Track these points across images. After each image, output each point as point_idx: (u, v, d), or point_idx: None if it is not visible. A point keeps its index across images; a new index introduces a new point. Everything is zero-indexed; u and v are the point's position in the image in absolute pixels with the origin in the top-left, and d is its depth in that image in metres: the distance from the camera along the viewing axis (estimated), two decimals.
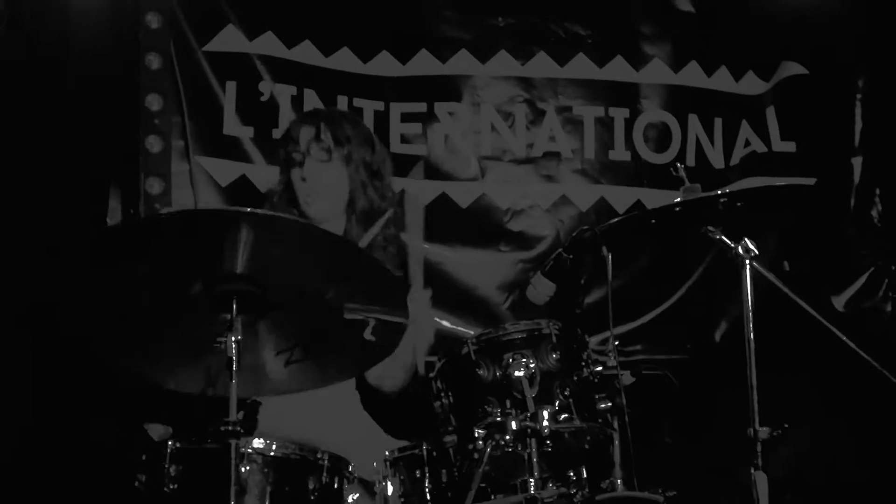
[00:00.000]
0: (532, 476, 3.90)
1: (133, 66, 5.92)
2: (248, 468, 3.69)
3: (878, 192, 6.58)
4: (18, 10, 5.66)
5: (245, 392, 3.56)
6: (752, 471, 3.85)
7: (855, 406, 5.97)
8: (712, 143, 6.51)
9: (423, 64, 6.26)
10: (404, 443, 4.45)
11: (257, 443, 3.75)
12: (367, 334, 3.67)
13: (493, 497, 4.10)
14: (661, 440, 5.78)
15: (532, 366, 3.99)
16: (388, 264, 4.90)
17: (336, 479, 3.86)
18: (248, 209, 3.37)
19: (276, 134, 5.96)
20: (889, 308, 5.83)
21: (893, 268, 5.73)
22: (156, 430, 4.57)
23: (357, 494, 3.98)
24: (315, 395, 4.64)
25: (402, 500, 4.07)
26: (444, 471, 4.06)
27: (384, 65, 6.20)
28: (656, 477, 4.36)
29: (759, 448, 3.86)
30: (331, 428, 4.65)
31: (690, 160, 6.41)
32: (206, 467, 3.69)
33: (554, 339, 4.05)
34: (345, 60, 6.16)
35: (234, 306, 3.50)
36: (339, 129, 4.98)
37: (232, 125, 6.02)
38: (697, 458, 5.80)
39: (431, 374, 4.23)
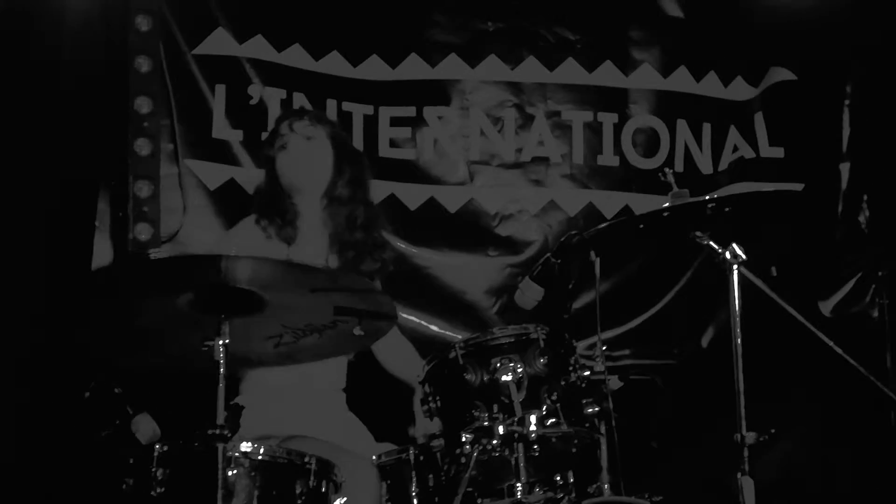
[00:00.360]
0: (519, 480, 3.92)
1: (122, 69, 5.90)
2: (235, 472, 3.68)
3: (865, 197, 6.60)
4: (9, 12, 5.65)
5: (232, 367, 3.57)
6: (739, 476, 3.85)
7: (842, 411, 5.98)
8: (701, 148, 6.52)
9: (413, 68, 6.26)
10: (390, 445, 4.46)
11: (245, 446, 3.74)
12: (357, 330, 3.69)
13: (480, 501, 4.10)
14: (648, 445, 5.79)
15: (519, 370, 4.00)
16: (377, 272, 4.98)
17: (323, 484, 3.86)
18: (233, 253, 3.40)
19: (263, 136, 5.96)
20: (876, 314, 5.84)
21: (880, 273, 5.74)
22: (143, 429, 4.57)
23: (344, 499, 3.98)
24: (301, 395, 4.66)
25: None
26: (430, 475, 4.07)
27: (374, 69, 6.20)
28: (643, 481, 4.37)
29: (745, 453, 3.87)
30: (317, 429, 4.65)
31: (679, 165, 6.42)
32: (193, 471, 3.69)
33: (541, 343, 4.07)
34: (334, 64, 6.15)
35: (222, 314, 3.52)
36: (324, 118, 5.09)
37: (221, 128, 6.00)
38: (684, 463, 5.81)
39: (420, 378, 4.24)
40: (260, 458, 3.77)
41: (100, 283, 3.54)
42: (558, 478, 4.23)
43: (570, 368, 4.12)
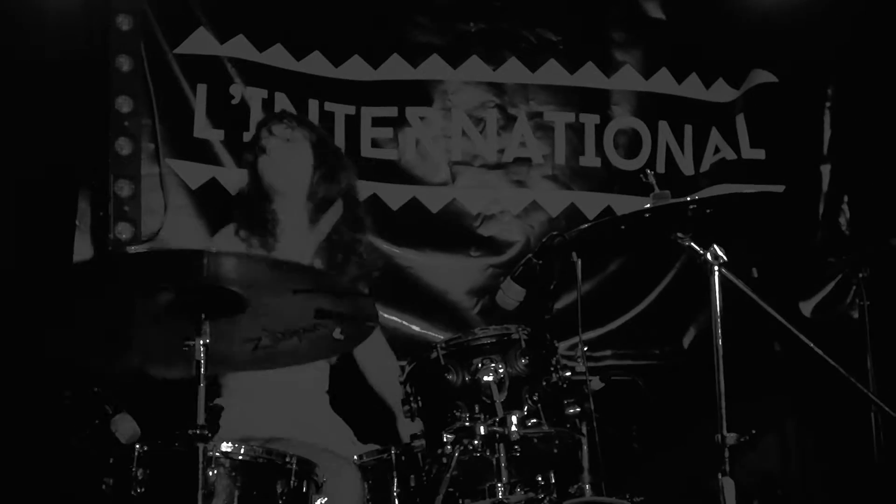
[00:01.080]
0: (500, 481, 3.91)
1: (103, 68, 5.89)
2: (215, 472, 3.68)
3: (846, 199, 6.63)
4: None
5: (211, 369, 3.55)
6: (720, 476, 3.86)
7: (822, 411, 6.00)
8: (682, 149, 6.53)
9: (395, 68, 6.26)
10: (373, 446, 4.45)
11: (225, 446, 3.74)
12: (337, 334, 3.68)
13: (461, 502, 4.10)
14: (629, 446, 5.79)
15: (501, 371, 4.00)
16: (356, 272, 4.98)
17: (304, 483, 3.86)
18: (213, 250, 3.40)
19: (247, 137, 5.95)
20: (856, 315, 5.85)
21: (861, 275, 5.75)
22: (123, 428, 4.55)
23: (325, 499, 3.98)
24: (284, 396, 4.66)
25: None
26: (412, 475, 4.07)
27: (356, 69, 6.19)
28: (625, 482, 4.38)
29: (726, 454, 3.87)
30: (301, 431, 4.64)
31: (660, 167, 6.43)
32: (173, 471, 3.68)
33: (523, 344, 4.07)
34: (316, 64, 6.15)
35: (203, 313, 3.51)
36: (304, 120, 5.08)
37: (202, 128, 5.99)
38: (666, 464, 5.82)
39: (401, 379, 4.24)
40: (240, 458, 3.76)
41: (79, 278, 3.51)
42: (540, 478, 4.24)
43: (552, 369, 4.13)
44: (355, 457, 4.14)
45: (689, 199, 4.14)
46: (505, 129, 6.41)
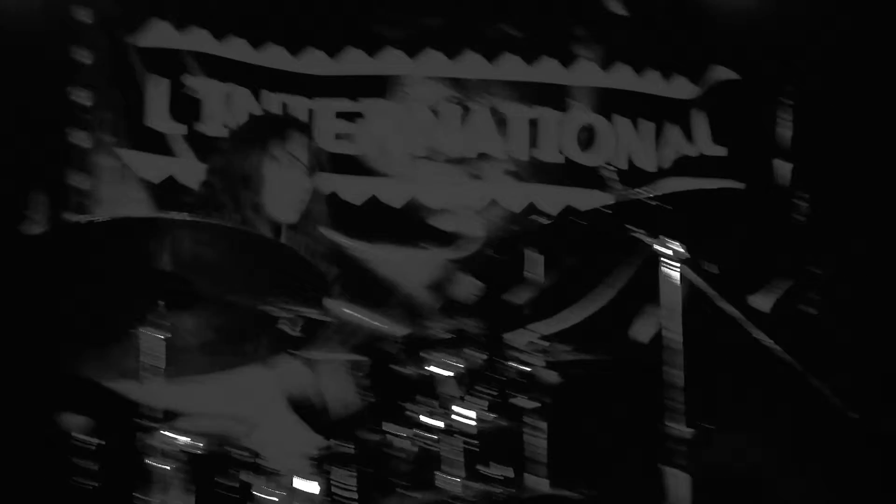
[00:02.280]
0: (457, 475, 3.90)
1: (61, 60, 5.86)
2: (169, 464, 3.66)
3: (806, 196, 6.65)
4: None
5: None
6: (674, 471, 3.86)
7: (778, 408, 6.02)
8: (643, 146, 6.55)
9: (353, 61, 6.26)
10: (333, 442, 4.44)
11: (175, 437, 3.72)
12: (292, 330, 3.68)
13: (415, 495, 4.09)
14: (586, 440, 5.79)
15: (458, 365, 3.99)
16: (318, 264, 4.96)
17: (255, 475, 3.84)
18: (174, 215, 3.36)
19: (205, 130, 5.95)
20: (814, 312, 5.88)
21: (820, 272, 5.78)
22: (75, 423, 4.52)
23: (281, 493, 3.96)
24: (239, 388, 4.63)
25: (326, 498, 4.07)
26: (368, 469, 4.05)
27: (314, 62, 6.20)
28: (581, 476, 4.38)
29: (682, 448, 3.88)
30: (259, 430, 4.62)
31: (621, 163, 6.45)
32: (126, 463, 3.66)
33: (480, 338, 4.06)
34: (274, 56, 6.15)
35: (160, 303, 3.50)
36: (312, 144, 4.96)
37: (161, 121, 5.98)
38: (622, 458, 5.83)
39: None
40: (191, 449, 3.74)
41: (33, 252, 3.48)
42: (496, 472, 4.23)
43: (509, 363, 4.12)
44: (311, 450, 4.12)
45: (649, 195, 4.15)
46: (465, 124, 6.41)
